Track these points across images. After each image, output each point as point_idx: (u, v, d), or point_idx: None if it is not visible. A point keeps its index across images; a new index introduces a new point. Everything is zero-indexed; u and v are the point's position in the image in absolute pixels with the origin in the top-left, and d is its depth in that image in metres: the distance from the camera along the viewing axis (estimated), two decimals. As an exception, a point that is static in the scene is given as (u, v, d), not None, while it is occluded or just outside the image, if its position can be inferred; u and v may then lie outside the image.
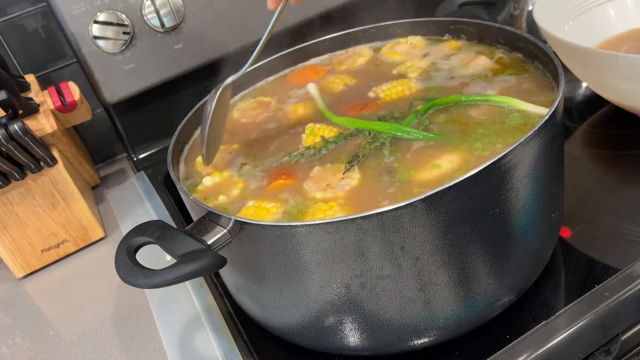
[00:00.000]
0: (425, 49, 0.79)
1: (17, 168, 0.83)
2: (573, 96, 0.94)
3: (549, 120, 0.52)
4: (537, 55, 0.67)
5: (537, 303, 0.61)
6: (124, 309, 0.78)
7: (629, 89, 0.75)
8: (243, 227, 0.51)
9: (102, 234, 0.93)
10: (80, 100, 0.93)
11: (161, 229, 0.52)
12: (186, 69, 1.01)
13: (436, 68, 0.74)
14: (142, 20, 0.95)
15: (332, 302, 0.53)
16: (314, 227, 0.48)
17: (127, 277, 0.49)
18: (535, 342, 0.57)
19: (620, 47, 0.90)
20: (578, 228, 0.69)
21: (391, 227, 0.48)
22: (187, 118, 0.73)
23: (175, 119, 0.74)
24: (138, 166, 1.09)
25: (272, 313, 0.59)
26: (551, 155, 0.55)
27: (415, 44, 0.80)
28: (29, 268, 0.89)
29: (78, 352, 0.73)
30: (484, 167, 0.48)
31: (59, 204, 0.87)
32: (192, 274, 0.48)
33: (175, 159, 0.68)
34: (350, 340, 0.57)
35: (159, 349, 0.70)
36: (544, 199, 0.56)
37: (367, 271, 0.51)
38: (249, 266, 0.56)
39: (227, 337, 0.66)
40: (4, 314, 0.83)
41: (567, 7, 0.92)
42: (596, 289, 0.60)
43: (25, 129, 0.78)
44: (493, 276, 0.55)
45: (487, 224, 0.52)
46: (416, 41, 0.81)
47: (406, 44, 0.81)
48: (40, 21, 1.02)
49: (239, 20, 1.01)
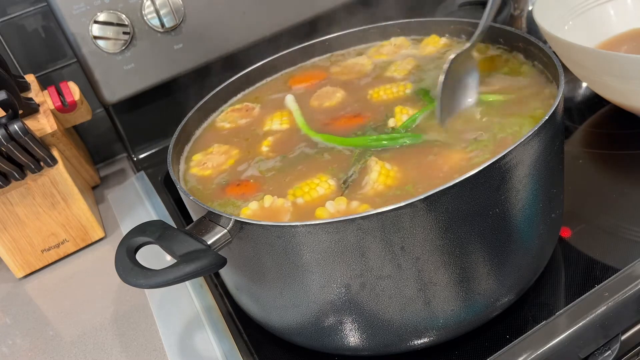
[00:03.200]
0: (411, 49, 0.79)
1: (17, 168, 0.83)
2: (573, 96, 0.94)
3: (549, 120, 0.52)
4: (537, 55, 0.67)
5: (537, 303, 0.61)
6: (124, 309, 0.78)
7: (629, 89, 0.75)
8: (243, 227, 0.51)
9: (102, 234, 0.93)
10: (80, 100, 0.93)
11: (161, 229, 0.52)
12: (186, 69, 1.01)
13: (422, 69, 0.75)
14: (142, 20, 0.95)
15: (332, 302, 0.53)
16: (314, 227, 0.48)
17: (127, 277, 0.49)
18: (535, 342, 0.57)
19: (620, 47, 0.90)
20: (578, 228, 0.69)
21: (391, 227, 0.48)
22: (187, 118, 0.73)
23: (175, 119, 0.74)
24: (138, 166, 1.09)
25: (272, 313, 0.59)
26: (551, 155, 0.55)
27: (400, 44, 0.81)
28: (29, 268, 0.89)
29: (78, 352, 0.73)
30: (484, 167, 0.48)
31: (59, 204, 0.87)
32: (192, 274, 0.48)
33: (175, 159, 0.68)
34: (350, 340, 0.57)
35: (159, 349, 0.70)
36: (544, 199, 0.56)
37: (367, 271, 0.51)
38: (249, 266, 0.56)
39: (227, 337, 0.66)
40: (4, 314, 0.83)
41: (567, 7, 0.92)
42: (596, 289, 0.60)
43: (25, 129, 0.78)
44: (493, 276, 0.55)
45: (487, 224, 0.52)
46: (400, 42, 0.81)
47: (390, 45, 0.81)
48: (40, 21, 1.02)
49: (239, 20, 1.01)
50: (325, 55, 0.85)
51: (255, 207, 0.59)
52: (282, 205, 0.58)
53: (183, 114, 0.74)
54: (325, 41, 0.84)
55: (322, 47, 0.85)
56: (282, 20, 1.04)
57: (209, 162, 0.69)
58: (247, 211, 0.58)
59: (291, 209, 0.58)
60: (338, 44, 0.85)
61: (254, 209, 0.58)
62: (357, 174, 0.60)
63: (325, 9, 1.05)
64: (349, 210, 0.55)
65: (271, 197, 0.59)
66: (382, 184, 0.57)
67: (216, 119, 0.78)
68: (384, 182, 0.57)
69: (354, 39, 0.85)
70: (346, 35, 0.84)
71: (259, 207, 0.58)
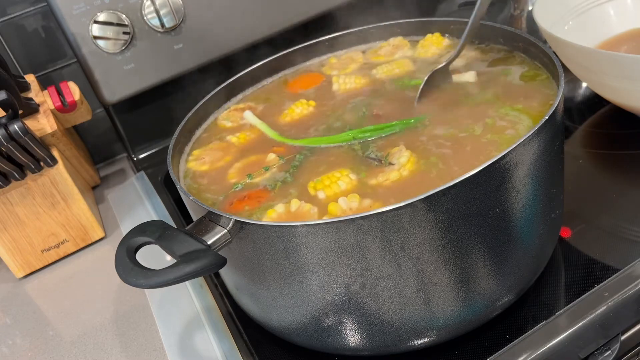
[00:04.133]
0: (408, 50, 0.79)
1: (17, 168, 0.83)
2: (573, 96, 0.94)
3: (549, 120, 0.52)
4: (537, 55, 0.67)
5: (537, 303, 0.61)
6: (124, 309, 0.78)
7: (629, 89, 0.75)
8: (243, 227, 0.51)
9: (102, 234, 0.93)
10: (80, 100, 0.93)
11: (161, 229, 0.52)
12: (186, 69, 1.01)
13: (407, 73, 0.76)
14: (142, 20, 0.95)
15: (332, 302, 0.53)
16: (313, 227, 0.48)
17: (127, 277, 0.49)
18: (535, 342, 0.57)
19: (620, 47, 0.90)
20: (578, 228, 0.69)
21: (391, 227, 0.48)
22: (187, 118, 0.73)
23: (175, 119, 0.74)
24: (138, 166, 1.09)
25: (272, 313, 0.59)
26: (551, 155, 0.55)
27: (398, 44, 0.81)
28: (29, 268, 0.89)
29: (78, 352, 0.73)
30: (484, 167, 0.48)
31: (59, 204, 0.87)
32: (192, 274, 0.48)
33: (175, 159, 0.68)
34: (350, 340, 0.57)
35: (159, 349, 0.70)
36: (544, 199, 0.56)
37: (367, 271, 0.51)
38: (249, 266, 0.56)
39: (227, 337, 0.66)
40: (4, 314, 0.83)
41: (567, 7, 0.92)
42: (596, 289, 0.60)
43: (25, 129, 0.78)
44: (493, 276, 0.55)
45: (487, 224, 0.52)
46: (397, 42, 0.81)
47: (388, 46, 0.81)
48: (40, 21, 1.02)
49: (239, 20, 1.01)
50: (325, 56, 0.85)
51: (281, 210, 0.57)
52: (307, 211, 0.57)
53: (183, 114, 0.74)
54: (325, 41, 0.84)
55: (322, 47, 0.85)
56: (282, 20, 1.04)
57: (207, 156, 0.69)
58: (272, 214, 0.57)
59: (316, 214, 0.56)
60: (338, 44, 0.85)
61: (280, 212, 0.57)
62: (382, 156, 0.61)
63: (325, 9, 1.05)
64: (360, 208, 0.55)
65: (298, 201, 0.57)
66: (408, 170, 0.57)
67: (218, 118, 0.78)
68: (410, 168, 0.58)
69: (353, 39, 0.85)
70: (346, 36, 0.84)
71: (285, 210, 0.57)
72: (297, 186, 0.61)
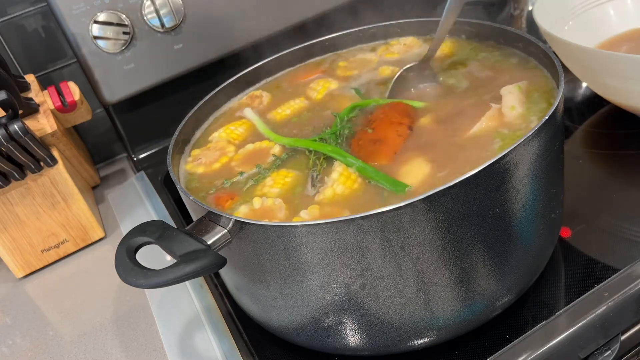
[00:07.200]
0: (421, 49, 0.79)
1: (17, 168, 0.83)
2: (573, 96, 0.94)
3: (549, 120, 0.52)
4: (537, 55, 0.67)
5: (537, 303, 0.61)
6: (124, 309, 0.78)
7: (629, 89, 0.75)
8: (243, 227, 0.51)
9: (102, 234, 0.93)
10: (80, 100, 0.93)
11: (161, 229, 0.52)
12: (186, 69, 1.01)
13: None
14: (142, 20, 0.95)
15: (332, 302, 0.53)
16: (313, 227, 0.48)
17: (127, 277, 0.49)
18: (535, 342, 0.57)
19: (620, 47, 0.90)
20: (578, 228, 0.69)
21: (391, 227, 0.48)
22: (187, 118, 0.73)
23: (175, 119, 0.74)
24: (138, 166, 1.09)
25: (272, 313, 0.59)
26: (551, 155, 0.55)
27: (410, 44, 0.81)
28: (29, 268, 0.89)
29: (78, 352, 0.73)
30: (484, 167, 0.48)
31: (59, 204, 0.87)
32: (192, 274, 0.48)
33: (175, 159, 0.68)
34: (350, 340, 0.57)
35: (159, 349, 0.70)
36: (544, 199, 0.56)
37: (367, 271, 0.51)
38: (249, 266, 0.56)
39: (227, 337, 0.66)
40: (4, 314, 0.83)
41: (567, 7, 0.92)
42: (596, 289, 0.60)
43: (25, 129, 0.78)
44: (493, 276, 0.55)
45: (487, 224, 0.52)
46: (410, 41, 0.81)
47: (399, 44, 0.81)
48: (40, 21, 1.02)
49: (239, 20, 1.01)
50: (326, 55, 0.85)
51: (245, 210, 0.58)
52: (272, 204, 0.58)
53: (183, 114, 0.74)
54: (325, 41, 0.84)
55: (322, 47, 0.85)
56: (282, 20, 1.04)
57: (204, 157, 0.69)
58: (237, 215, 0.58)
59: (283, 205, 0.58)
60: (338, 44, 0.85)
61: (245, 213, 0.58)
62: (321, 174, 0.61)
63: (325, 9, 1.05)
64: (322, 215, 0.56)
65: (259, 199, 0.59)
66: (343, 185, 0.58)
67: (218, 116, 0.78)
68: (343, 183, 0.58)
69: (353, 39, 0.85)
70: (346, 35, 0.84)
71: (250, 210, 0.58)
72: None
